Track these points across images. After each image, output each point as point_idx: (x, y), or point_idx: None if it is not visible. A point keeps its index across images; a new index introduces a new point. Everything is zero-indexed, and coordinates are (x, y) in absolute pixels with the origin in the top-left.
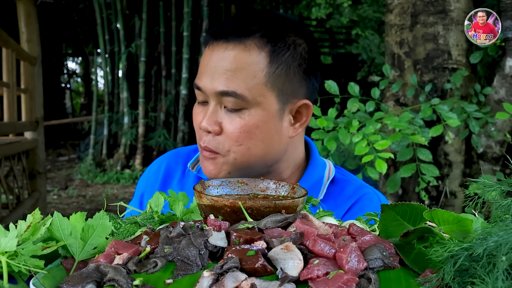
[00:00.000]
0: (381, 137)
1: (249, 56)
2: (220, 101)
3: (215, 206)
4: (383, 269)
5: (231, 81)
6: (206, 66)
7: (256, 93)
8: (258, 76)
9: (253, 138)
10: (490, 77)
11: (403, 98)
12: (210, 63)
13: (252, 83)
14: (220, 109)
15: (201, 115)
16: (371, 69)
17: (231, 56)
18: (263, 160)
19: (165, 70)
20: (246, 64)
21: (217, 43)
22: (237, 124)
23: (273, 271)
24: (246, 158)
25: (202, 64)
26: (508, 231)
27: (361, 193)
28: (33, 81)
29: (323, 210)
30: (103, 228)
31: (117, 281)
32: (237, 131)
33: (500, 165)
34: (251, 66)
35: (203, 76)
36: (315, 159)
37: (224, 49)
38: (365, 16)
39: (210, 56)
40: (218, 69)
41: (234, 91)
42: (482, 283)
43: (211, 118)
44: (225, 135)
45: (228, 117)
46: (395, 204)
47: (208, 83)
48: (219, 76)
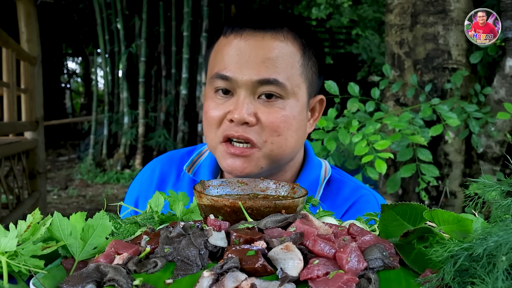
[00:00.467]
0: (380, 137)
1: (287, 46)
2: (254, 91)
3: (215, 206)
4: (383, 269)
5: (272, 70)
6: (237, 55)
7: (294, 83)
8: (295, 66)
9: (290, 129)
10: (490, 77)
11: (403, 98)
12: (243, 52)
13: (290, 72)
14: (254, 100)
15: (225, 107)
16: (371, 69)
17: (270, 45)
18: (292, 153)
19: (165, 70)
20: (285, 53)
21: (251, 32)
22: (277, 114)
23: (273, 271)
24: (282, 150)
25: (227, 54)
26: (508, 231)
27: (358, 195)
28: (33, 81)
29: (323, 210)
30: (103, 228)
31: (117, 281)
32: (278, 121)
33: (500, 165)
34: (289, 56)
35: (232, 65)
36: (311, 159)
37: (261, 38)
38: (365, 16)
39: (240, 45)
40: (256, 58)
41: (276, 79)
42: (482, 283)
43: (247, 109)
44: (262, 125)
45: (264, 107)
46: (395, 204)
47: (242, 72)
48: (257, 64)
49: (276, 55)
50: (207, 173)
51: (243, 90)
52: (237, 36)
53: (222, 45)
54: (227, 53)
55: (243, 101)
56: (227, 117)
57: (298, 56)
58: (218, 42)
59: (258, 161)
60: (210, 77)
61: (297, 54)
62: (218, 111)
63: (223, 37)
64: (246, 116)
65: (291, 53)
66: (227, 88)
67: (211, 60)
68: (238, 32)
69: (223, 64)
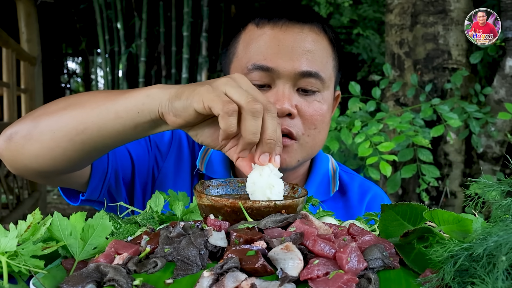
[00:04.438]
0: (384, 138)
1: (322, 41)
2: (295, 83)
3: (215, 206)
4: (383, 269)
5: (313, 62)
6: (277, 46)
7: (328, 76)
8: (329, 60)
9: (324, 122)
10: (490, 77)
11: (403, 98)
12: (284, 43)
13: (327, 66)
14: (293, 92)
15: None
16: (371, 69)
17: (309, 38)
18: (320, 147)
19: (165, 70)
20: (321, 47)
21: (288, 23)
22: (316, 106)
23: (273, 271)
24: (316, 142)
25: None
26: (508, 231)
27: (372, 192)
28: (33, 81)
29: (323, 210)
30: (103, 228)
31: (117, 281)
32: (316, 114)
33: (500, 165)
34: (325, 50)
35: (273, 56)
36: (320, 154)
37: (300, 30)
38: (365, 16)
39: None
40: (298, 50)
41: (317, 72)
42: (482, 283)
43: (289, 100)
44: (302, 118)
45: (304, 99)
46: (395, 204)
47: (285, 63)
48: (299, 56)
49: (315, 48)
50: (221, 169)
51: (284, 81)
52: (274, 27)
53: (256, 35)
54: (264, 44)
55: (285, 92)
56: None
57: (330, 50)
58: (247, 32)
59: (296, 153)
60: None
61: (329, 47)
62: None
63: (255, 27)
64: (290, 107)
65: (326, 47)
66: (265, 82)
67: (241, 52)
68: (276, 23)
69: (262, 54)
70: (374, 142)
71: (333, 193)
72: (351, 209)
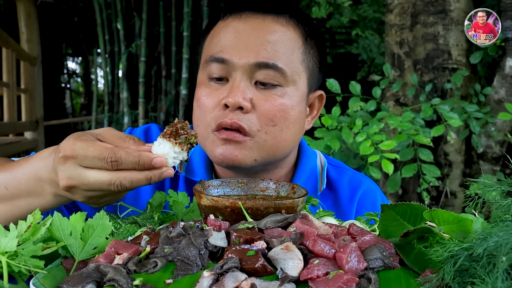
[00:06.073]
0: (385, 137)
1: (288, 31)
2: (251, 75)
3: (215, 207)
4: (383, 269)
5: (271, 53)
6: (234, 37)
7: (294, 70)
8: (295, 53)
9: (287, 120)
10: (490, 77)
11: (403, 98)
12: (242, 33)
13: (291, 58)
14: (250, 85)
15: (220, 93)
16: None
17: (271, 28)
18: (287, 148)
19: (165, 70)
20: (286, 38)
21: (250, 14)
22: (274, 101)
23: (273, 271)
24: (277, 141)
25: (224, 36)
26: (508, 231)
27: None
28: (33, 81)
29: (323, 210)
30: (103, 228)
31: (117, 281)
32: (275, 109)
33: (500, 165)
34: (290, 42)
35: (229, 48)
36: (306, 150)
37: (262, 20)
38: (365, 16)
39: (238, 27)
40: (256, 40)
41: (275, 64)
42: (482, 283)
43: (243, 93)
44: (258, 113)
45: (261, 93)
46: (395, 204)
47: (240, 54)
48: (256, 46)
49: (276, 38)
50: (202, 171)
51: (239, 73)
52: (235, 18)
53: (219, 28)
54: (224, 36)
55: (239, 85)
56: (221, 103)
57: (299, 43)
58: (215, 27)
59: (251, 151)
60: (204, 62)
61: (299, 40)
62: (212, 98)
63: (221, 21)
64: (241, 100)
65: (293, 39)
66: (222, 75)
67: (206, 45)
68: (237, 14)
69: (219, 46)
70: (375, 141)
71: (320, 191)
72: (341, 208)
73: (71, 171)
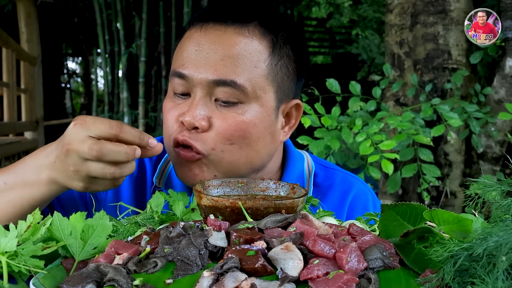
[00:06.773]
0: (385, 137)
1: (251, 43)
2: (210, 92)
3: (215, 207)
4: (383, 269)
5: (230, 69)
6: (195, 51)
7: (257, 85)
8: (259, 66)
9: (248, 138)
10: (490, 77)
11: (403, 98)
12: (201, 48)
13: (254, 73)
14: (210, 102)
15: (181, 108)
16: (371, 69)
17: (231, 41)
18: (252, 164)
19: (165, 70)
20: (248, 51)
21: (212, 25)
22: (231, 120)
23: (273, 271)
24: (235, 159)
25: (186, 49)
26: (508, 231)
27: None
28: (33, 81)
29: (323, 210)
30: (103, 228)
31: (117, 281)
32: (232, 128)
33: (500, 165)
34: (253, 55)
35: (189, 63)
36: (292, 155)
37: (222, 33)
38: (365, 16)
39: (200, 40)
40: (214, 55)
41: (234, 81)
42: (482, 283)
43: (200, 112)
44: (214, 132)
45: (220, 111)
46: (395, 204)
47: (198, 70)
48: (214, 62)
49: (237, 52)
50: (180, 184)
51: (199, 90)
52: (198, 30)
53: (184, 39)
54: (186, 49)
55: (198, 103)
56: (179, 119)
57: (265, 55)
58: (183, 37)
59: (208, 168)
60: (170, 74)
61: (264, 52)
62: (173, 112)
63: (187, 31)
64: (197, 120)
65: (256, 51)
66: (184, 91)
67: (174, 56)
68: (200, 25)
69: (182, 60)
70: (375, 141)
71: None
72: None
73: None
